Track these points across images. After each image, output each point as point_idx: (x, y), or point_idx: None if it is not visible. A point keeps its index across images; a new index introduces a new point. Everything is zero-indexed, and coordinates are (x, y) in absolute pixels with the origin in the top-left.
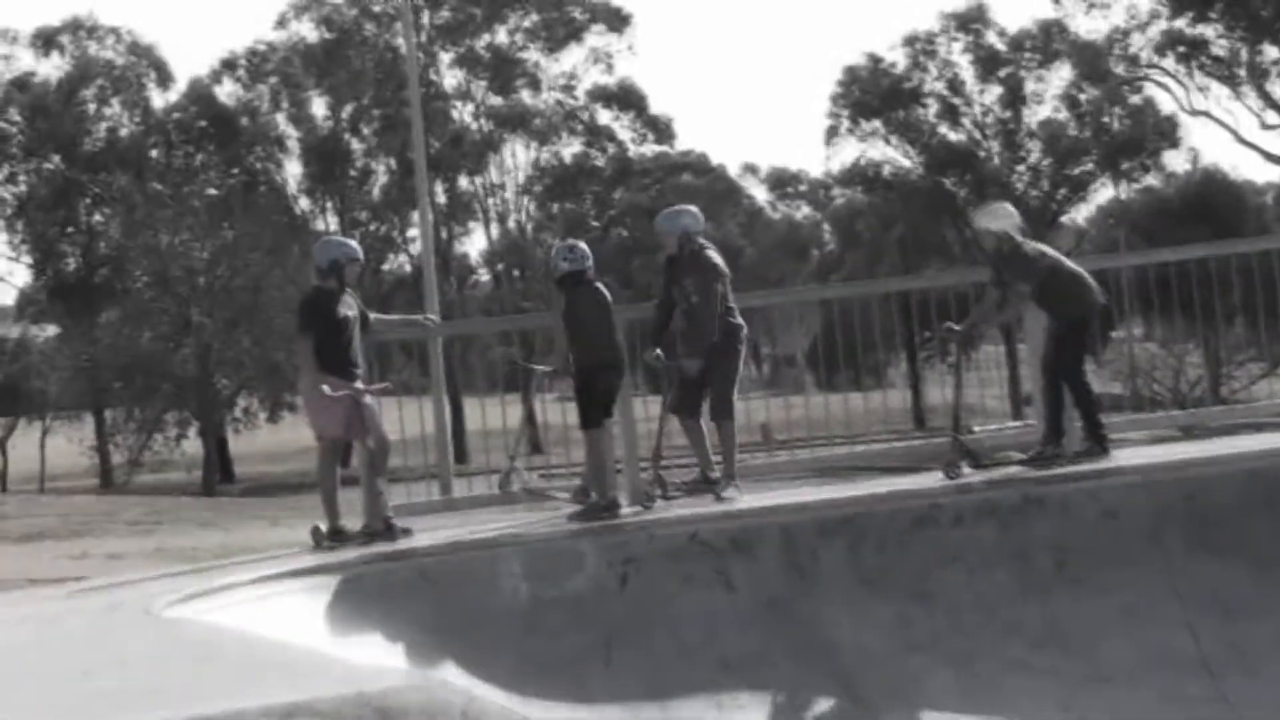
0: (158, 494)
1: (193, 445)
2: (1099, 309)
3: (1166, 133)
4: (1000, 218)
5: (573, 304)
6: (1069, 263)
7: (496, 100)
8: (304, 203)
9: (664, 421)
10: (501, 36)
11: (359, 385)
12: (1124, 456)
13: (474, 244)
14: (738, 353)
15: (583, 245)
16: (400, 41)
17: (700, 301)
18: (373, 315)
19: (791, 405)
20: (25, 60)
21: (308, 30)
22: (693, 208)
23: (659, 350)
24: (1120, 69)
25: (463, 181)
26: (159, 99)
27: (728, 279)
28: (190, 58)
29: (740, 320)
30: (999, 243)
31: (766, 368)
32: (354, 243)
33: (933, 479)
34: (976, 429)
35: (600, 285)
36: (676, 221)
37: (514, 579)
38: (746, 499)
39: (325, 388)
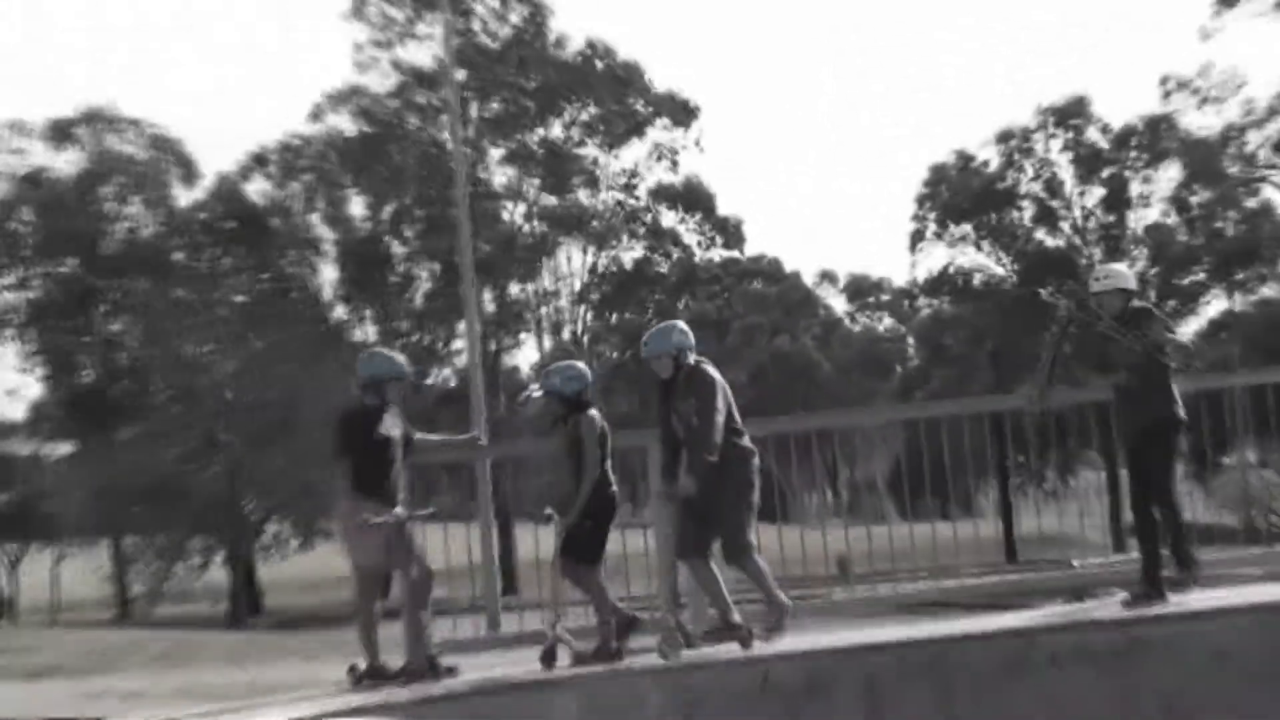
0: (180, 627)
1: (218, 574)
2: (1183, 422)
3: None
4: (1126, 276)
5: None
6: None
7: (550, 200)
8: (340, 310)
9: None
10: (556, 130)
11: (400, 511)
12: (1238, 594)
13: (524, 357)
14: (750, 483)
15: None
16: (446, 135)
17: (700, 423)
18: (417, 435)
19: (872, 535)
20: (39, 154)
21: (345, 123)
22: (681, 323)
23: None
24: (1235, 169)
25: (513, 288)
26: (183, 197)
27: (730, 398)
28: (217, 152)
29: (751, 445)
30: (1125, 301)
31: (845, 494)
32: (401, 359)
33: (1027, 616)
34: (1076, 563)
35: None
36: (668, 340)
37: None
38: (824, 638)
39: (365, 515)
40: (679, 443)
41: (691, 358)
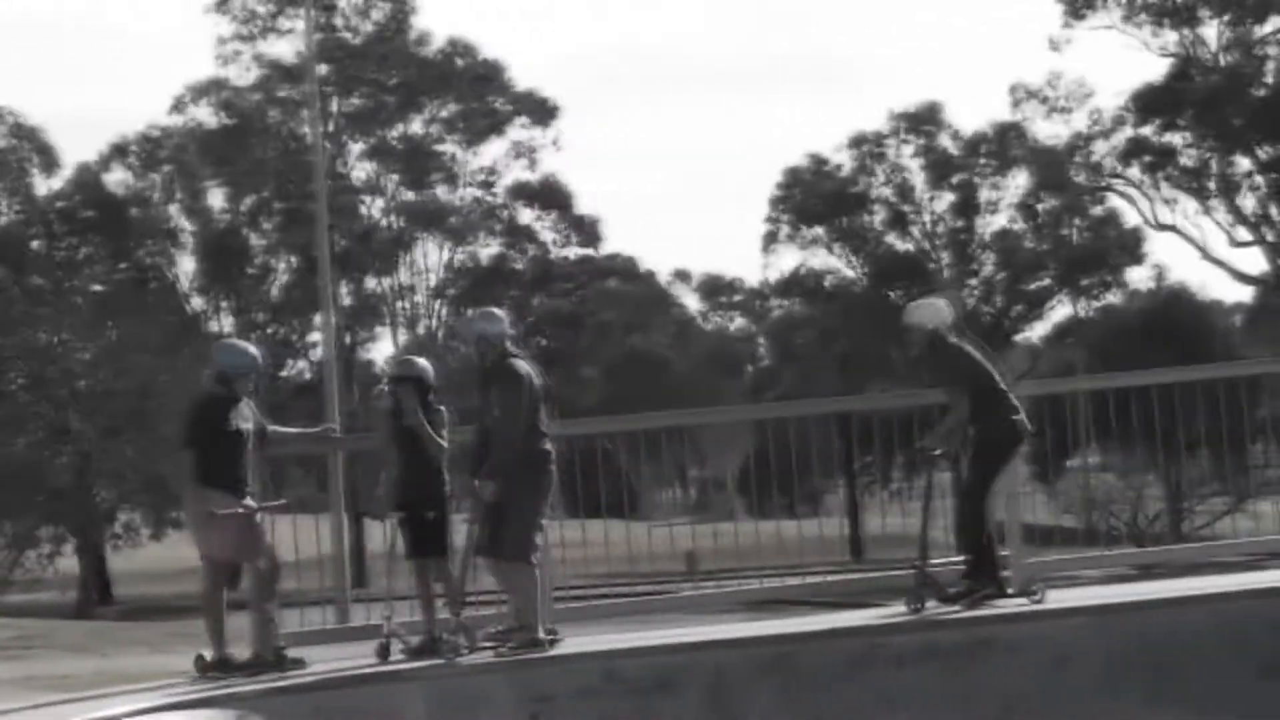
0: (28, 615)
1: (68, 563)
2: (1021, 437)
3: (1130, 247)
4: (933, 313)
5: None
6: (998, 379)
7: (409, 195)
8: (197, 301)
9: (468, 561)
10: (416, 127)
11: (250, 503)
12: (1078, 596)
13: (380, 350)
14: (543, 484)
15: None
16: (306, 130)
17: (500, 416)
18: (270, 427)
19: (720, 532)
20: None
21: (206, 115)
22: (497, 311)
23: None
24: (1081, 178)
25: (370, 282)
26: (42, 185)
27: (539, 393)
28: (78, 142)
29: (549, 446)
30: (931, 341)
31: (694, 491)
32: (254, 351)
33: (872, 614)
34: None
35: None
36: (472, 327)
37: (415, 717)
38: (672, 634)
39: (213, 506)
40: (486, 433)
41: (504, 349)
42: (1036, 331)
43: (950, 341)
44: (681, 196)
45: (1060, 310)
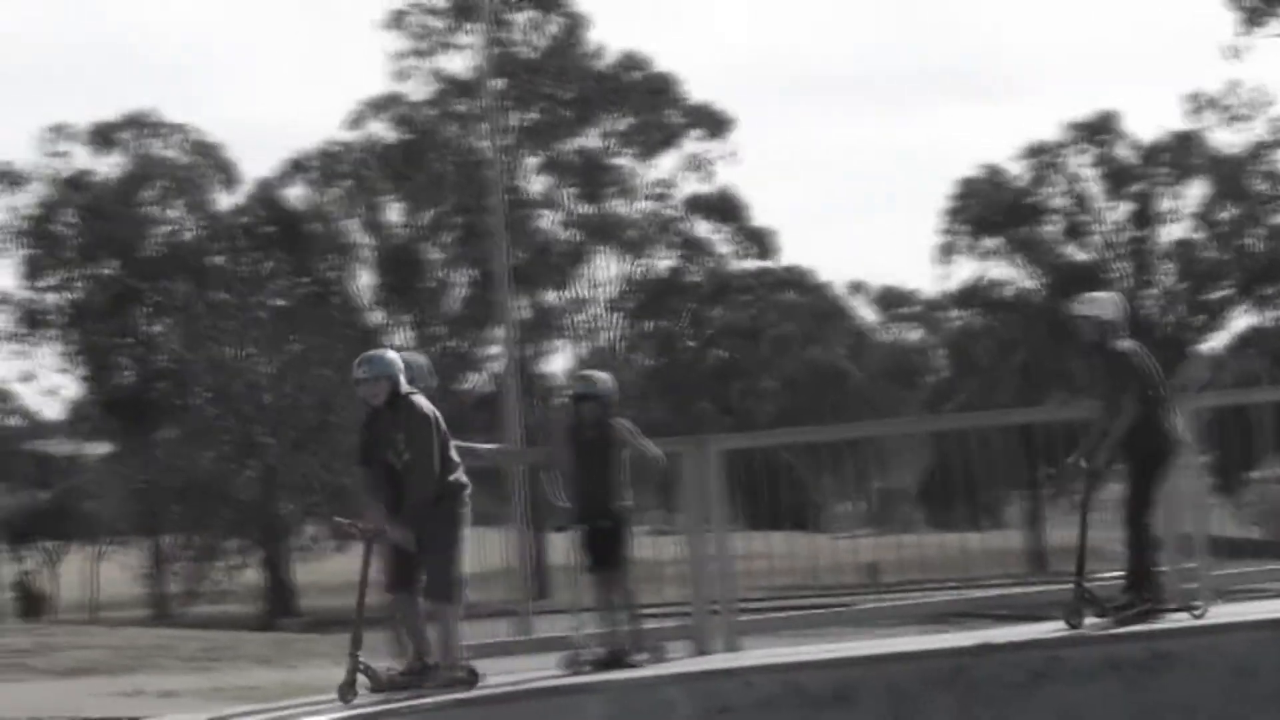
0: (215, 627)
1: (252, 575)
2: (1178, 448)
3: None
4: (1107, 306)
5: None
6: (1160, 384)
7: (586, 209)
8: (377, 315)
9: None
10: (592, 140)
11: None
12: (1262, 609)
13: (559, 363)
14: (459, 517)
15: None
16: (483, 144)
17: (414, 459)
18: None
19: (901, 544)
20: (82, 158)
21: (384, 130)
22: (390, 353)
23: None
24: (1262, 186)
25: (548, 295)
26: (224, 201)
27: (445, 428)
28: (258, 157)
29: (464, 479)
30: (1103, 334)
31: (875, 503)
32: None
33: (1053, 628)
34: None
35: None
36: (387, 366)
37: None
38: (850, 646)
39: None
40: (390, 472)
41: (404, 387)
42: (1218, 342)
43: (1121, 339)
44: (851, 207)
45: (1242, 320)
